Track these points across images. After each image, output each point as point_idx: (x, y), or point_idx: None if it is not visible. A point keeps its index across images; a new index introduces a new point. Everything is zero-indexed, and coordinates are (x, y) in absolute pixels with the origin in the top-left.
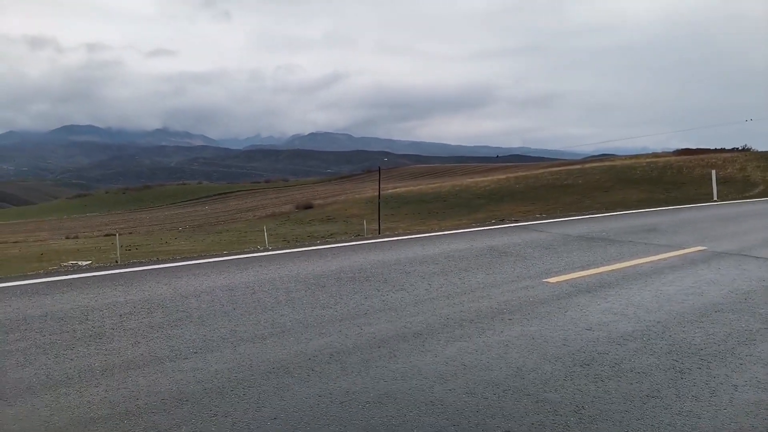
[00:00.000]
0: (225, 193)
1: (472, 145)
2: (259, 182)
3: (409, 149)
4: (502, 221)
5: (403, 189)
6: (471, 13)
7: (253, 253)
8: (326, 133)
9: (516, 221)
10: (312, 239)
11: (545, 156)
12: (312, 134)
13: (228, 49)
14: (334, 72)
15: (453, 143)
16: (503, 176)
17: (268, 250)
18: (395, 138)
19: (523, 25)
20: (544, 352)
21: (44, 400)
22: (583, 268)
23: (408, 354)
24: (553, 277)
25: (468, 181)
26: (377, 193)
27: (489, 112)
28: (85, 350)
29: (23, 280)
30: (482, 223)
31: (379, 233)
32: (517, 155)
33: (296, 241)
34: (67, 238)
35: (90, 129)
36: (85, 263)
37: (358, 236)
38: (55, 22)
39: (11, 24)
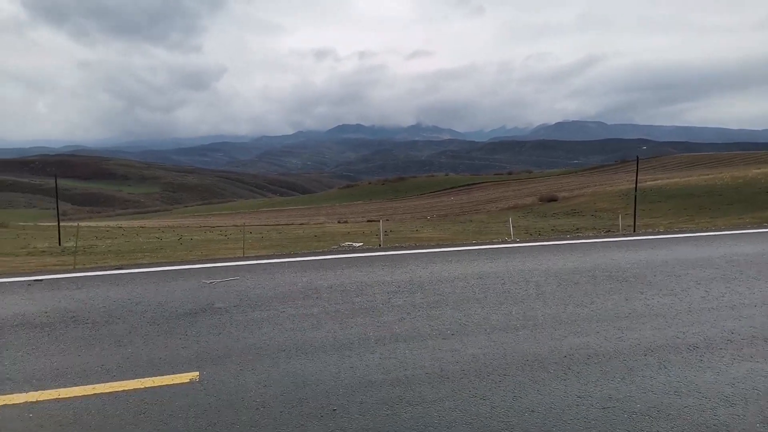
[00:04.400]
0: (469, 185)
1: (762, 128)
2: (501, 174)
3: (675, 136)
4: None
5: (665, 181)
6: None
7: (499, 243)
8: (574, 122)
9: None
10: (556, 233)
11: None
12: (558, 124)
13: (479, 44)
14: (587, 56)
15: (734, 127)
16: None
17: (515, 242)
18: (656, 123)
19: None
20: None
21: (333, 359)
22: None
23: (681, 367)
24: None
25: (754, 171)
26: (633, 186)
27: None
28: (362, 320)
29: (312, 256)
30: None
31: (635, 230)
32: None
33: (539, 233)
34: (339, 222)
35: (358, 128)
36: (357, 245)
37: (609, 232)
38: (335, 34)
39: (303, 40)
